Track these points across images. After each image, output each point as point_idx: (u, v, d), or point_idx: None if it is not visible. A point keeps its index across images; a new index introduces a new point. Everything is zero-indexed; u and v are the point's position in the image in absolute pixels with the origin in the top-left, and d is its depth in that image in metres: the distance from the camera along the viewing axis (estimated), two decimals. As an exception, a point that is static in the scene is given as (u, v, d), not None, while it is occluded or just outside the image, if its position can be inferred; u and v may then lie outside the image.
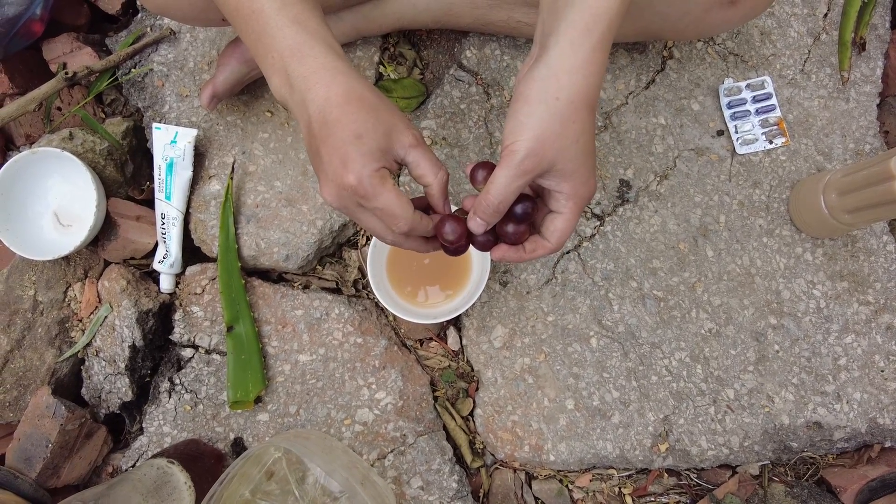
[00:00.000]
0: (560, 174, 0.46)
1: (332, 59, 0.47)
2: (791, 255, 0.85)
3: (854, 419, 0.81)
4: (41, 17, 0.81)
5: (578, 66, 0.44)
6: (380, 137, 0.47)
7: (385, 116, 0.47)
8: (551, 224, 0.50)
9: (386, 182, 0.47)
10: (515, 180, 0.46)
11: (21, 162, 0.76)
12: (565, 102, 0.44)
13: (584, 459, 0.79)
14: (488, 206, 0.47)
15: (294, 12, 0.48)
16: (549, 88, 0.44)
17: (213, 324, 0.81)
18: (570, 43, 0.44)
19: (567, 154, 0.45)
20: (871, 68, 0.90)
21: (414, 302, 0.80)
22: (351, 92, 0.47)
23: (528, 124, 0.44)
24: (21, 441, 0.74)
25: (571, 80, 0.44)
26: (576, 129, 0.45)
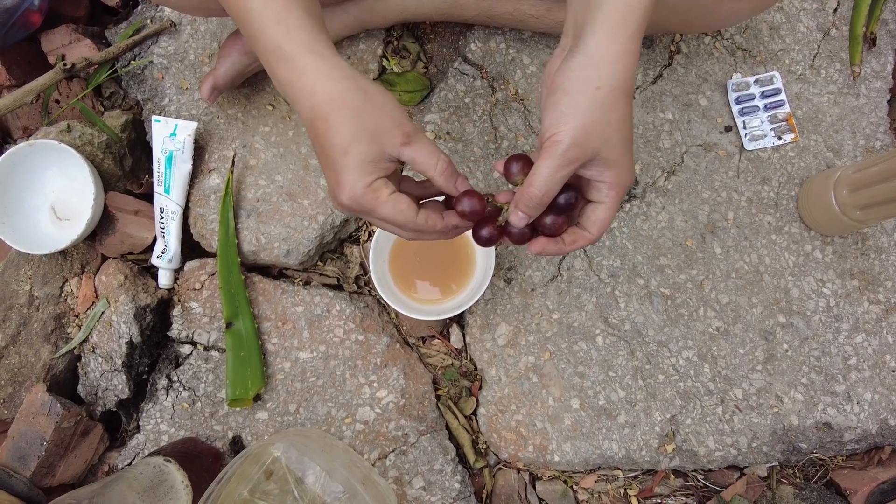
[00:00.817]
0: (603, 163, 0.46)
1: (312, 60, 0.46)
2: (800, 253, 0.84)
3: (865, 420, 0.80)
4: (40, 8, 0.80)
5: (617, 55, 0.44)
6: (366, 147, 0.46)
7: (370, 120, 0.46)
8: (592, 214, 0.49)
9: (380, 194, 0.47)
10: (560, 171, 0.45)
11: (18, 154, 0.75)
12: (607, 91, 0.44)
13: (590, 460, 0.78)
14: (531, 199, 0.46)
15: (276, 8, 0.47)
16: (590, 78, 0.44)
17: (211, 320, 0.80)
18: (608, 33, 0.44)
19: (610, 143, 0.45)
20: (882, 64, 0.89)
21: (416, 298, 0.79)
22: (333, 100, 0.46)
23: (571, 114, 0.44)
24: (15, 439, 0.72)
25: (611, 69, 0.44)
26: (617, 118, 0.45)
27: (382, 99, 0.47)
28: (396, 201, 0.47)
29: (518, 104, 0.85)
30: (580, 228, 0.50)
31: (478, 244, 0.51)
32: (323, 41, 0.47)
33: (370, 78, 0.48)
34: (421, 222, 0.48)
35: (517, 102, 0.85)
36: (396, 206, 0.47)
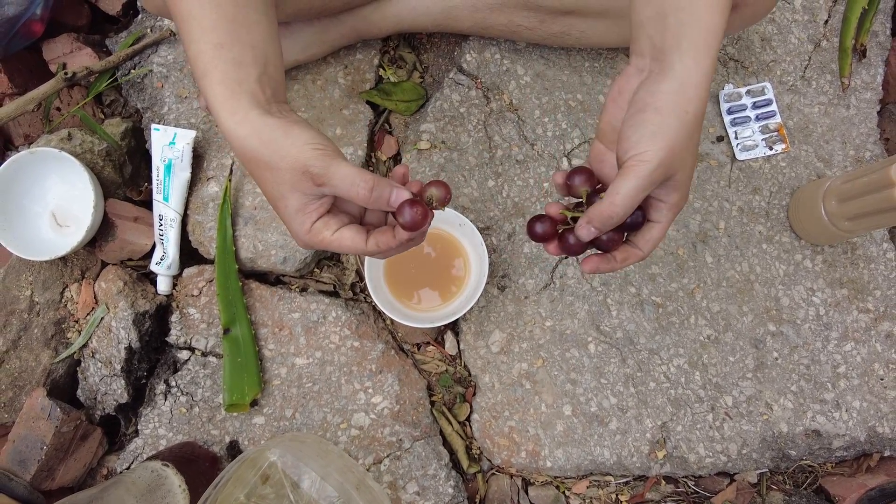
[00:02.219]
0: (674, 185, 0.47)
1: (226, 118, 0.47)
2: (790, 262, 0.85)
3: (853, 427, 0.81)
4: (41, 18, 0.81)
5: (702, 81, 0.45)
6: (290, 199, 0.47)
7: (281, 175, 0.46)
8: (648, 233, 0.49)
9: (324, 236, 0.48)
10: (643, 191, 0.45)
11: (19, 162, 0.76)
12: (693, 116, 0.45)
13: (581, 466, 0.79)
14: (611, 217, 0.45)
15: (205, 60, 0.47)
16: (681, 102, 0.45)
17: (209, 326, 0.81)
18: (695, 59, 0.45)
19: (686, 166, 0.46)
20: (872, 75, 0.90)
21: (411, 306, 0.80)
22: (248, 159, 0.47)
23: (661, 135, 0.44)
24: (16, 443, 0.73)
25: (698, 94, 0.45)
26: (695, 143, 0.46)
27: (286, 144, 0.46)
28: (340, 240, 0.48)
29: (512, 114, 0.87)
30: (632, 246, 0.50)
31: (530, 237, 0.51)
32: (239, 95, 0.47)
33: (277, 121, 0.47)
34: (372, 248, 0.49)
35: (511, 112, 0.87)
36: (342, 244, 0.48)
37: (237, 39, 0.48)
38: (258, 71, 0.48)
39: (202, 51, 0.47)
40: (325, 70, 0.86)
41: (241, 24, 0.49)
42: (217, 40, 0.47)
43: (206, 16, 0.47)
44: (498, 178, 0.85)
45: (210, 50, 0.47)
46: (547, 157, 0.85)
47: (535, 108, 0.87)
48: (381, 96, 0.86)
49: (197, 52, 0.48)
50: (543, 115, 0.87)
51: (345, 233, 0.48)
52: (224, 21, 0.48)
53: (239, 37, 0.48)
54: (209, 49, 0.47)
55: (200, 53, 0.47)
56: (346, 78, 0.86)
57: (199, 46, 0.48)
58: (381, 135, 0.88)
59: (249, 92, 0.48)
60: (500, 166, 0.85)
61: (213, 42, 0.47)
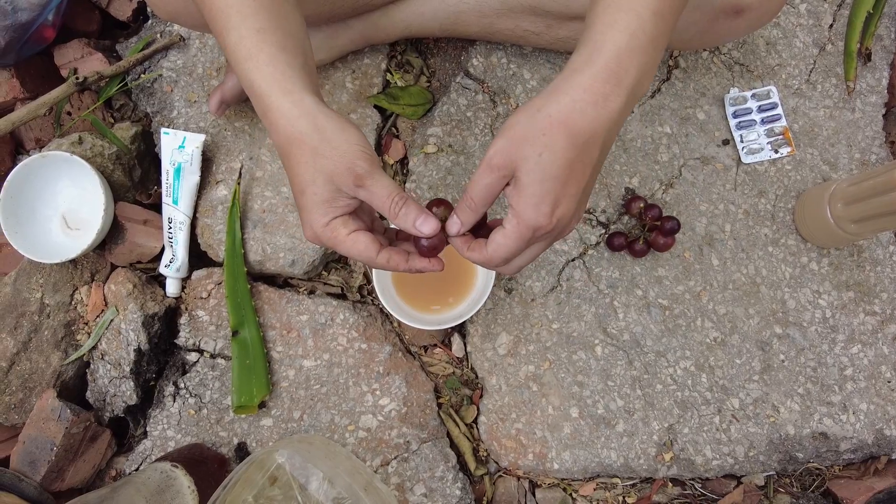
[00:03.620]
0: (515, 186, 0.45)
1: (277, 98, 0.47)
2: (797, 265, 0.85)
3: (860, 430, 0.81)
4: (53, 23, 0.82)
5: (570, 88, 0.43)
6: (321, 188, 0.47)
7: (324, 162, 0.46)
8: (493, 235, 0.47)
9: (338, 234, 0.48)
10: (484, 176, 0.45)
11: (31, 166, 0.77)
12: (544, 114, 0.43)
13: (588, 468, 0.79)
14: (465, 202, 0.47)
15: (248, 45, 0.47)
16: (537, 102, 0.44)
17: (218, 328, 0.82)
18: (571, 69, 0.43)
19: (527, 164, 0.43)
20: (877, 79, 0.90)
21: (418, 308, 0.80)
22: (292, 139, 0.47)
23: (508, 125, 0.44)
24: (26, 444, 0.74)
25: (557, 98, 0.43)
26: (542, 143, 0.43)
27: (340, 138, 0.46)
28: (354, 241, 0.48)
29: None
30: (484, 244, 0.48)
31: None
32: (291, 77, 0.47)
33: (336, 114, 0.48)
34: (382, 262, 0.49)
35: (518, 116, 0.87)
36: (354, 246, 0.48)
37: (278, 26, 0.48)
38: (301, 60, 0.49)
39: (244, 36, 0.47)
40: (334, 74, 0.87)
41: (280, 13, 0.49)
42: (258, 25, 0.47)
43: (247, 3, 0.48)
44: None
45: (253, 35, 0.47)
46: (553, 161, 0.86)
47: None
48: (388, 100, 0.87)
49: (238, 37, 0.47)
50: (549, 119, 0.87)
51: (361, 237, 0.48)
52: (264, 9, 0.48)
53: (280, 24, 0.49)
54: (252, 34, 0.47)
55: (242, 39, 0.47)
56: (354, 82, 0.87)
57: (241, 32, 0.47)
58: (388, 139, 0.88)
59: (300, 76, 0.48)
60: (506, 169, 0.86)
61: (255, 27, 0.47)
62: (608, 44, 0.43)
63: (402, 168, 0.88)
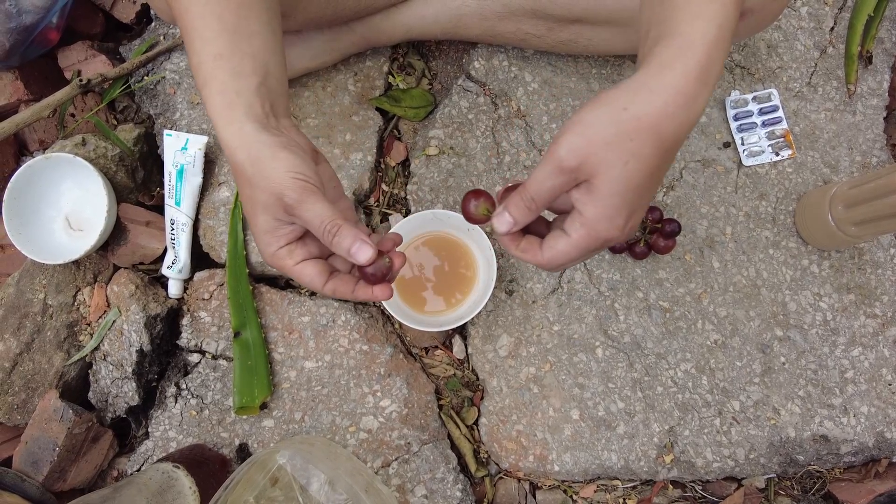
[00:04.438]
0: (590, 192, 0.41)
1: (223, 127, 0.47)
2: (797, 267, 0.85)
3: (861, 433, 0.81)
4: (57, 26, 0.83)
5: (661, 88, 0.39)
6: (262, 219, 0.47)
7: (259, 194, 0.46)
8: (553, 240, 0.45)
9: (284, 263, 0.48)
10: (553, 176, 0.42)
11: (35, 167, 0.78)
12: (630, 115, 0.39)
13: (589, 470, 0.79)
14: (523, 200, 0.44)
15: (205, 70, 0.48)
16: (622, 98, 0.40)
17: (220, 329, 0.82)
18: (659, 65, 0.40)
19: (609, 172, 0.40)
20: (878, 81, 0.91)
21: (420, 310, 0.81)
22: (234, 170, 0.47)
23: (585, 120, 0.40)
24: (28, 444, 0.74)
25: (648, 98, 0.39)
26: (630, 148, 0.40)
27: (270, 167, 0.45)
28: (300, 272, 0.48)
29: (520, 120, 0.87)
30: (538, 245, 0.46)
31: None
32: (237, 105, 0.47)
33: (272, 138, 0.46)
34: (328, 292, 0.49)
35: (519, 119, 0.88)
36: (301, 276, 0.49)
37: (236, 49, 0.48)
38: (257, 81, 0.48)
39: (202, 62, 0.48)
40: (336, 77, 0.87)
41: (242, 34, 0.49)
42: (216, 51, 0.48)
43: (208, 27, 0.48)
44: (506, 183, 0.86)
45: (209, 61, 0.48)
46: (554, 163, 0.86)
47: (542, 114, 0.88)
48: (390, 103, 0.87)
49: (198, 62, 0.48)
50: (551, 122, 0.87)
51: (306, 268, 0.49)
52: (225, 32, 0.48)
53: (239, 47, 0.48)
54: (209, 60, 0.48)
55: (201, 64, 0.48)
56: (356, 85, 0.87)
57: (200, 58, 0.48)
58: (390, 140, 0.89)
59: (247, 103, 0.47)
60: (507, 172, 0.86)
61: (213, 53, 0.47)
62: (698, 37, 0.39)
63: (403, 170, 0.89)
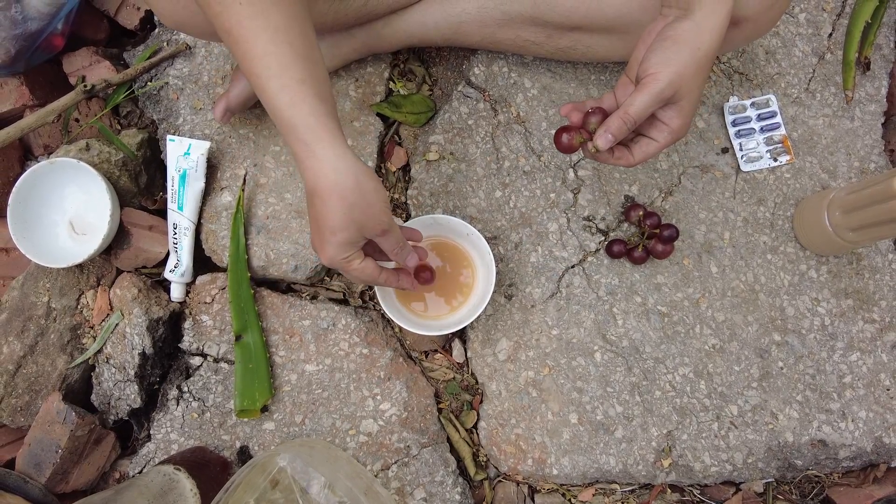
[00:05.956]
0: (679, 110, 0.55)
1: (321, 148, 0.53)
2: (795, 273, 0.85)
3: (859, 438, 0.81)
4: (62, 32, 0.84)
5: (716, 27, 0.54)
6: (352, 234, 0.57)
7: (359, 214, 0.55)
8: (645, 146, 0.58)
9: (352, 263, 0.60)
10: (653, 104, 0.54)
11: (39, 172, 0.78)
12: (704, 53, 0.54)
13: (587, 474, 0.80)
14: (625, 122, 0.55)
15: (290, 94, 0.52)
16: (695, 38, 0.53)
17: (221, 333, 0.82)
18: (712, 10, 0.54)
19: (693, 96, 0.55)
20: (876, 87, 0.91)
21: (419, 314, 0.81)
22: (332, 188, 0.53)
23: (675, 60, 0.53)
24: (31, 446, 0.75)
25: (711, 37, 0.54)
26: (703, 78, 0.55)
27: (374, 195, 0.56)
28: (364, 267, 0.60)
29: (520, 126, 0.88)
30: (628, 151, 0.59)
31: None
32: (332, 129, 0.53)
33: (370, 171, 0.56)
34: (382, 281, 0.64)
35: (519, 125, 0.88)
36: (363, 271, 0.61)
37: (314, 76, 0.53)
38: (333, 109, 0.54)
39: (286, 85, 0.51)
40: (337, 83, 0.88)
41: (314, 62, 0.54)
42: (300, 76, 0.52)
43: (284, 53, 0.51)
44: (505, 188, 0.86)
45: (295, 84, 0.51)
46: (553, 169, 0.87)
47: (541, 120, 0.88)
48: (391, 108, 0.88)
49: (280, 86, 0.51)
50: (550, 128, 0.88)
51: (369, 264, 0.61)
52: (300, 59, 0.52)
53: (315, 74, 0.53)
54: (293, 84, 0.51)
55: (284, 88, 0.51)
56: (357, 91, 0.88)
57: (283, 80, 0.51)
58: (390, 146, 0.89)
59: (338, 128, 0.54)
60: (507, 177, 0.87)
61: (297, 77, 0.52)
62: None
63: (404, 175, 0.89)
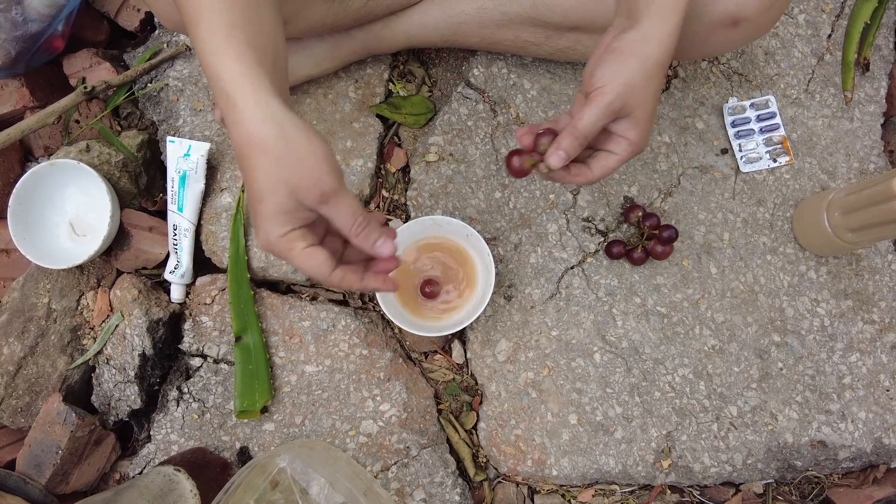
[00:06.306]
0: (633, 122, 0.54)
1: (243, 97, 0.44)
2: (795, 273, 0.85)
3: (859, 439, 0.81)
4: (62, 34, 0.84)
5: (665, 37, 0.53)
6: (282, 198, 0.45)
7: (288, 172, 0.45)
8: (604, 160, 0.56)
9: (294, 246, 0.47)
10: (603, 117, 0.53)
11: (39, 173, 0.79)
12: (652, 63, 0.52)
13: (587, 474, 0.80)
14: (575, 138, 0.53)
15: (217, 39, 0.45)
16: (642, 48, 0.52)
17: (221, 334, 0.83)
18: (661, 18, 0.53)
19: (644, 106, 0.53)
20: (876, 88, 0.91)
21: (419, 315, 0.81)
22: (255, 143, 0.45)
23: (622, 72, 0.52)
24: (32, 447, 0.75)
25: (660, 47, 0.53)
26: (654, 88, 0.53)
27: (306, 150, 0.45)
28: (310, 256, 0.47)
29: (519, 127, 0.88)
30: (586, 167, 0.57)
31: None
32: (259, 75, 0.45)
33: (303, 123, 0.46)
34: (335, 280, 0.48)
35: (518, 126, 0.88)
36: (309, 260, 0.47)
37: (250, 22, 0.46)
38: (271, 59, 0.47)
39: (214, 30, 0.45)
40: (337, 84, 0.88)
41: (254, 9, 0.47)
42: (232, 21, 0.45)
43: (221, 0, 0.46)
44: (504, 189, 0.86)
45: (224, 28, 0.45)
46: (553, 169, 0.87)
47: (541, 121, 0.88)
48: (390, 110, 0.88)
49: (208, 30, 0.45)
50: (549, 128, 0.88)
51: (317, 252, 0.47)
52: (238, 5, 0.46)
53: (252, 20, 0.47)
54: (223, 27, 0.45)
55: (212, 32, 0.45)
56: (357, 92, 0.88)
57: (211, 25, 0.45)
58: (390, 147, 0.90)
59: (268, 77, 0.46)
60: (506, 178, 0.87)
61: (228, 22, 0.45)
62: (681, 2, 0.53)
63: (403, 176, 0.90)
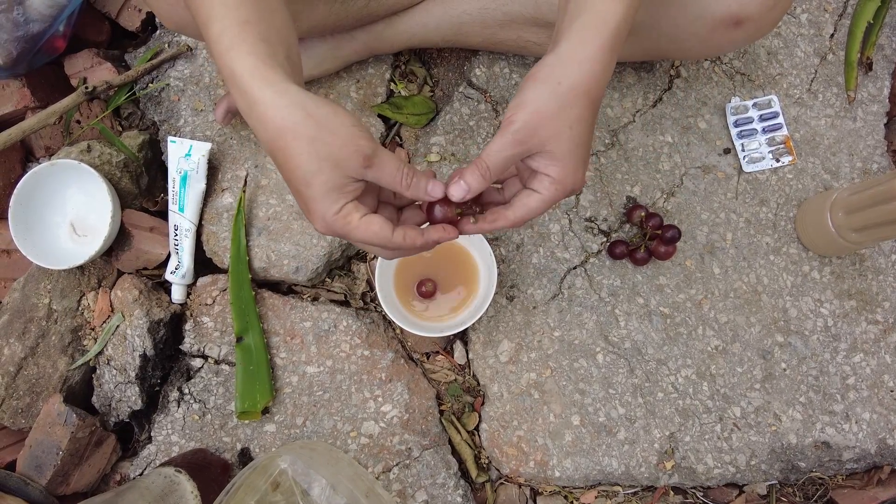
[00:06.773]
0: (549, 156, 0.48)
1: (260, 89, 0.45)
2: (798, 274, 0.85)
3: (863, 440, 0.80)
4: (64, 34, 0.84)
5: (584, 59, 0.47)
6: (328, 176, 0.45)
7: (326, 149, 0.45)
8: (525, 198, 0.50)
9: (351, 219, 0.47)
10: (510, 148, 0.47)
11: (40, 173, 0.78)
12: (566, 87, 0.47)
13: (590, 476, 0.79)
14: (478, 168, 0.48)
15: (231, 35, 0.46)
16: (554, 74, 0.47)
17: (222, 334, 0.82)
18: (580, 40, 0.48)
19: (560, 138, 0.47)
20: (879, 88, 0.91)
21: (421, 315, 0.81)
22: (285, 130, 0.45)
23: (529, 99, 0.47)
24: (32, 448, 0.75)
25: (576, 70, 0.47)
26: (572, 115, 0.47)
27: (335, 122, 0.45)
28: (368, 224, 0.47)
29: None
30: (504, 209, 0.50)
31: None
32: (273, 67, 0.46)
33: (323, 99, 0.46)
34: (398, 241, 0.48)
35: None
36: (369, 228, 0.47)
37: (262, 18, 0.47)
38: (284, 53, 0.48)
39: (227, 27, 0.46)
40: (338, 84, 0.88)
41: (265, 6, 0.48)
42: (243, 17, 0.46)
43: None
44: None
45: (236, 26, 0.46)
46: (555, 169, 0.87)
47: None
48: (392, 110, 0.88)
49: (221, 28, 0.46)
50: (551, 128, 0.88)
51: (374, 219, 0.47)
52: (249, 1, 0.47)
53: (264, 17, 0.47)
54: (234, 25, 0.46)
55: (225, 29, 0.46)
56: (359, 92, 0.88)
57: (224, 22, 0.46)
58: (392, 147, 0.89)
59: (282, 67, 0.46)
60: (508, 178, 0.86)
61: (239, 19, 0.46)
62: (611, 15, 0.48)
63: (405, 176, 0.89)
